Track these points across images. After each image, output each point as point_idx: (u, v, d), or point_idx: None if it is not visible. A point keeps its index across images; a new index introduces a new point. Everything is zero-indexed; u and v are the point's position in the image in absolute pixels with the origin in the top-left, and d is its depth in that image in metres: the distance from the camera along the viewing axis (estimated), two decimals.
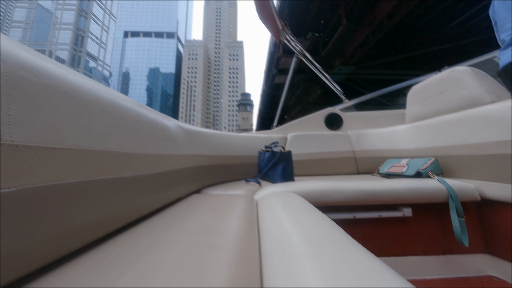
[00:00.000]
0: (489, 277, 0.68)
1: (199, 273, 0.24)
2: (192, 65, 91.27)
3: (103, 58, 72.11)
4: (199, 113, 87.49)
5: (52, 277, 0.23)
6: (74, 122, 0.30)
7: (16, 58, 0.24)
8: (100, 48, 71.52)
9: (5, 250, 0.20)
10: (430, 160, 0.84)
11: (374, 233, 0.75)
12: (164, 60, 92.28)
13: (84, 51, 65.71)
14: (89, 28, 67.64)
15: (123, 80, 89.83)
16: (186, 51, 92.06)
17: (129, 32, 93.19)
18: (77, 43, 66.00)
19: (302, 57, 1.63)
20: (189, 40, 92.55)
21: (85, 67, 65.43)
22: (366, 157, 1.34)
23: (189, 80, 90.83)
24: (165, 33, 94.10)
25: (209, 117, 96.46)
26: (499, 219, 0.67)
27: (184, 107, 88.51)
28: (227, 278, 0.23)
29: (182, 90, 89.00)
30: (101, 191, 0.32)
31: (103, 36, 72.41)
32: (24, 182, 0.22)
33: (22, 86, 0.24)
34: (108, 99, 0.39)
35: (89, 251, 0.30)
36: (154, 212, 0.51)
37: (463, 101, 0.84)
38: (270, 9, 1.30)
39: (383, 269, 0.23)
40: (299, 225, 0.36)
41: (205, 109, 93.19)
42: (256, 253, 0.31)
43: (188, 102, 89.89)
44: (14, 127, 0.22)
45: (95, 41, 69.15)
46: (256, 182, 1.01)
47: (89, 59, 67.66)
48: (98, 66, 71.63)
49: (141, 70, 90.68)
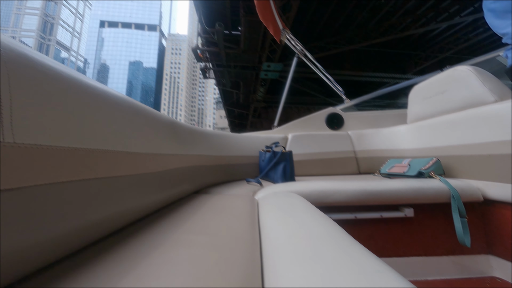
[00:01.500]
0: (492, 278, 0.68)
1: (200, 273, 0.24)
2: (175, 60, 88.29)
3: (77, 49, 66.88)
4: (183, 110, 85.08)
5: (53, 277, 0.24)
6: (75, 122, 0.30)
7: (17, 57, 0.24)
8: (74, 37, 66.24)
9: (5, 250, 0.20)
10: (432, 160, 0.85)
11: (376, 234, 0.75)
12: (145, 53, 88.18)
13: (54, 39, 60.39)
14: (60, 14, 62.28)
15: (99, 73, 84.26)
16: (169, 45, 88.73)
17: (106, 22, 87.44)
18: (45, 31, 60.45)
19: (303, 58, 1.61)
20: (173, 34, 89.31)
21: (56, 58, 60.31)
22: (368, 157, 1.35)
23: (173, 75, 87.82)
24: (146, 25, 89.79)
25: (194, 115, 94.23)
26: (502, 220, 0.68)
27: (167, 104, 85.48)
28: (228, 278, 0.23)
29: (165, 86, 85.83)
30: (102, 190, 0.32)
31: (77, 25, 67.14)
32: (24, 182, 0.22)
33: (23, 86, 0.24)
34: (109, 99, 0.39)
35: (90, 251, 0.30)
36: (155, 211, 0.51)
37: (465, 100, 0.84)
38: (271, 9, 1.31)
39: (385, 270, 0.23)
40: (300, 225, 0.37)
41: (190, 106, 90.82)
42: (257, 253, 0.31)
43: (172, 99, 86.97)
44: (16, 127, 0.22)
45: (67, 29, 63.83)
46: (257, 182, 1.01)
47: (60, 49, 62.34)
48: (70, 56, 66.30)
49: (120, 63, 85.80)
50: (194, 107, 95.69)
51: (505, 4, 0.80)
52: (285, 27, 1.42)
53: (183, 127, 0.77)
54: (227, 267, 0.26)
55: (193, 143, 0.82)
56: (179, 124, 0.76)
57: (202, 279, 0.23)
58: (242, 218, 0.46)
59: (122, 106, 0.42)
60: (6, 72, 0.22)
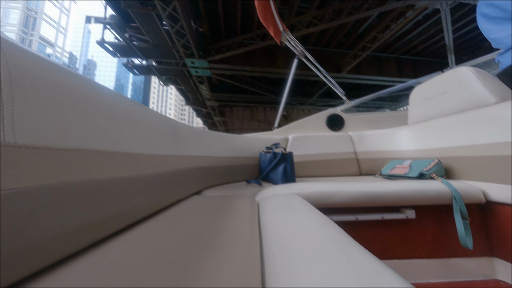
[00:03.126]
0: (495, 281, 0.68)
1: (200, 275, 0.24)
2: None
3: (62, 45, 64.21)
4: (172, 109, 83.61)
5: (53, 278, 0.24)
6: (75, 123, 0.30)
7: (18, 59, 0.25)
8: (59, 32, 63.59)
9: (5, 250, 0.20)
10: (434, 162, 0.85)
11: (377, 236, 0.74)
12: None
13: (37, 34, 57.72)
14: (44, 9, 59.66)
15: (84, 70, 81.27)
16: None
17: (92, 17, 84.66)
18: (27, 25, 57.67)
19: (303, 59, 1.61)
20: None
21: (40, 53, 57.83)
22: (368, 159, 1.36)
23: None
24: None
25: (184, 114, 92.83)
26: (505, 221, 0.68)
27: (155, 102, 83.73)
28: (228, 279, 0.24)
29: (153, 84, 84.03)
30: (102, 191, 0.32)
31: (63, 20, 64.52)
32: (24, 183, 0.22)
33: (24, 87, 0.24)
34: (109, 99, 0.39)
35: (90, 252, 0.30)
36: (155, 213, 0.51)
37: (466, 101, 0.84)
38: (271, 11, 1.32)
39: (386, 272, 0.23)
40: (300, 227, 0.36)
41: (180, 105, 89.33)
42: (257, 254, 0.30)
43: (160, 97, 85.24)
44: (16, 128, 0.22)
45: (51, 24, 61.21)
46: (258, 184, 1.00)
47: (45, 45, 59.69)
48: (55, 53, 63.61)
49: (107, 60, 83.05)
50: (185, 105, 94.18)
51: (497, 9, 0.81)
52: (285, 28, 1.43)
53: (183, 128, 0.77)
54: (227, 268, 0.26)
55: (193, 144, 0.81)
56: (179, 125, 0.74)
57: (203, 280, 0.23)
58: (243, 219, 0.46)
59: (122, 106, 0.42)
60: (8, 72, 0.23)
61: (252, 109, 11.20)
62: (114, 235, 0.36)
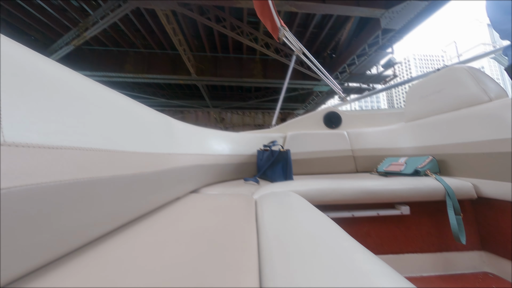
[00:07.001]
0: (485, 274, 0.71)
1: (197, 273, 0.24)
2: None
3: None
4: None
5: (52, 277, 0.24)
6: (73, 121, 0.30)
7: (17, 58, 0.25)
8: None
9: (5, 250, 0.21)
10: (428, 159, 0.87)
11: (373, 231, 0.76)
12: None
13: None
14: None
15: None
16: None
17: None
18: None
19: (301, 55, 1.61)
20: None
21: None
22: (365, 156, 1.37)
23: None
24: None
25: None
26: (495, 217, 0.71)
27: None
28: (226, 277, 0.24)
29: None
30: (99, 190, 0.32)
31: None
32: (24, 182, 0.22)
33: (23, 86, 0.24)
34: (106, 98, 0.39)
35: (88, 250, 0.30)
36: (152, 211, 0.51)
37: (460, 99, 0.86)
38: (269, 7, 1.32)
39: (381, 266, 0.23)
40: (298, 224, 0.37)
41: None
42: (254, 252, 0.31)
43: None
44: (16, 127, 0.23)
45: None
46: (255, 181, 1.01)
47: None
48: None
49: None
50: None
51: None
52: (283, 24, 1.43)
53: (180, 126, 0.76)
54: (224, 266, 0.26)
55: (190, 142, 0.81)
56: (175, 123, 0.74)
57: (200, 278, 0.23)
58: (240, 217, 0.46)
59: (118, 105, 0.42)
60: (8, 72, 0.23)
61: None
62: (112, 233, 0.36)
